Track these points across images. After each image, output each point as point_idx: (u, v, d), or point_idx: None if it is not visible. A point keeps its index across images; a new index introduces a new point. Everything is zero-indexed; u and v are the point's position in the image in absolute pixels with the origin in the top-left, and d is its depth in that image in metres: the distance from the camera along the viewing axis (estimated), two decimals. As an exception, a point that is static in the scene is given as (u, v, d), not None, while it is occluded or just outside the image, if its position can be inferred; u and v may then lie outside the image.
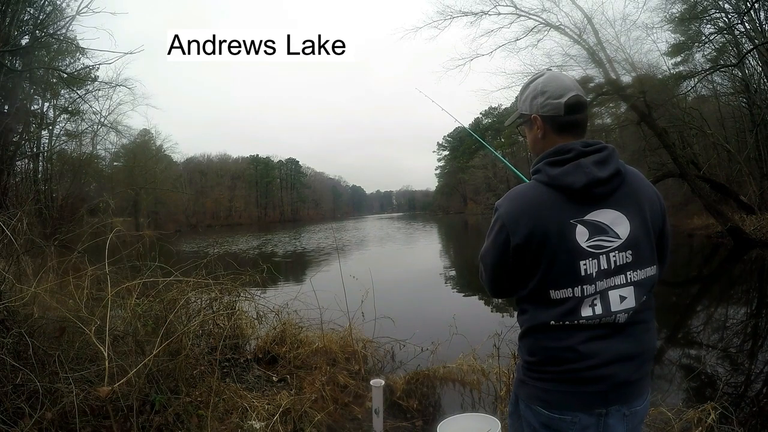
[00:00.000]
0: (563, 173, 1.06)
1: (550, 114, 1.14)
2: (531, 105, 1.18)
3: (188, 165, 68.38)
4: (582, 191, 1.05)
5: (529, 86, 1.20)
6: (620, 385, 1.05)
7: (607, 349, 1.04)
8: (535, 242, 1.05)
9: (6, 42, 12.17)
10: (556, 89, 1.14)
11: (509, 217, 1.09)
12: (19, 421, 1.92)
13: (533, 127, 1.19)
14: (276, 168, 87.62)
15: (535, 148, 1.21)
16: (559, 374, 1.06)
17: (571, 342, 1.05)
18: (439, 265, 12.55)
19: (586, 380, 1.04)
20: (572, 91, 1.12)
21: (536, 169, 1.13)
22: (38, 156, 20.79)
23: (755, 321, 5.52)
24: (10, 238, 2.62)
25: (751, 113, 16.89)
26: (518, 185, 1.17)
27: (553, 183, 1.07)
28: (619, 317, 1.05)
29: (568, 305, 1.05)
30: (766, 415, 2.94)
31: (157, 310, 2.70)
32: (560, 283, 1.05)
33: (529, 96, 1.18)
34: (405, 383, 3.21)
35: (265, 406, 2.58)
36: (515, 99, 1.25)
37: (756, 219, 12.84)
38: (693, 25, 15.72)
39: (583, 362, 1.04)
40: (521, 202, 1.10)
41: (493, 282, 1.21)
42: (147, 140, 41.76)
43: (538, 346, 1.10)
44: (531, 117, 1.18)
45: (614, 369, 1.04)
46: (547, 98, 1.14)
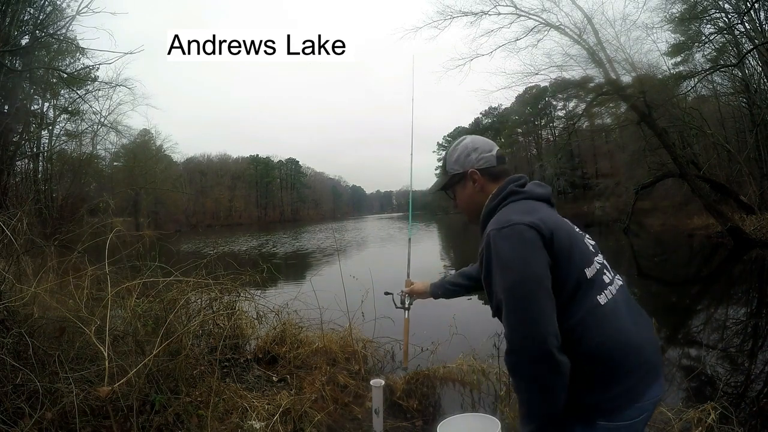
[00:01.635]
0: (532, 188, 1.25)
1: (486, 166, 1.30)
2: (465, 162, 1.32)
3: (188, 165, 68.41)
4: (550, 199, 1.26)
5: (458, 147, 1.35)
6: (650, 350, 1.20)
7: (629, 317, 1.20)
8: (555, 235, 1.11)
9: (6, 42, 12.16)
10: (484, 145, 1.33)
11: (528, 218, 1.11)
12: (19, 421, 1.92)
13: (470, 183, 1.32)
14: (276, 168, 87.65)
15: (473, 201, 1.33)
16: (617, 348, 1.16)
17: (612, 316, 1.16)
18: (439, 266, 12.54)
19: (634, 346, 1.16)
20: (495, 146, 1.33)
21: (505, 194, 1.24)
22: (38, 156, 20.79)
23: (755, 321, 5.51)
24: (10, 238, 2.62)
25: (751, 113, 16.88)
26: (506, 210, 1.20)
27: (532, 196, 1.23)
28: (617, 291, 1.21)
29: (596, 281, 1.15)
30: (766, 415, 2.94)
31: (157, 310, 2.70)
32: (583, 263, 1.15)
33: (462, 155, 1.33)
34: (405, 383, 3.21)
35: (265, 406, 2.58)
36: (444, 160, 1.40)
37: (756, 219, 12.83)
38: (693, 25, 15.72)
39: (625, 330, 1.16)
40: (527, 208, 1.17)
41: (545, 317, 1.02)
42: (147, 140, 41.78)
43: (590, 332, 1.13)
44: (468, 173, 1.31)
45: (641, 330, 1.20)
46: (480, 153, 1.31)
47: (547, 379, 1.01)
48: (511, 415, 2.60)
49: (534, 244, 1.07)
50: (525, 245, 1.07)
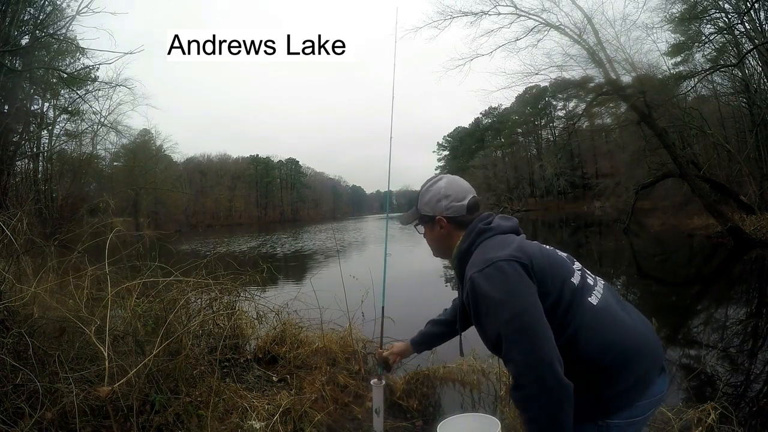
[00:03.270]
0: (500, 223, 1.28)
1: (454, 215, 1.29)
2: (435, 207, 1.31)
3: (188, 165, 68.44)
4: (518, 230, 1.29)
5: (431, 189, 1.33)
6: (650, 350, 1.25)
7: (623, 317, 1.24)
8: (536, 263, 1.14)
9: (6, 42, 12.17)
10: (458, 192, 1.30)
11: (507, 253, 1.13)
12: (19, 421, 1.92)
13: (436, 227, 1.33)
14: (276, 168, 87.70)
15: (441, 243, 1.36)
16: (620, 351, 1.19)
17: (607, 318, 1.20)
18: (439, 266, 12.55)
19: (634, 346, 1.20)
20: (471, 194, 1.32)
21: (476, 233, 1.26)
22: (38, 156, 20.78)
23: (755, 321, 5.51)
24: (10, 238, 2.62)
25: (751, 113, 16.88)
26: (480, 250, 1.23)
27: (503, 230, 1.25)
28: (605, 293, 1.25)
29: (579, 286, 1.18)
30: (766, 415, 2.94)
31: (157, 310, 2.70)
32: (570, 273, 1.20)
33: (432, 199, 1.32)
34: (405, 383, 3.21)
35: (265, 406, 2.58)
36: (417, 196, 1.41)
37: (756, 219, 12.82)
38: (693, 25, 15.72)
39: (622, 330, 1.20)
40: (502, 242, 1.20)
41: (547, 343, 1.02)
42: (147, 140, 41.82)
43: (591, 334, 1.17)
44: (436, 218, 1.31)
45: (640, 327, 1.25)
46: (451, 201, 1.29)
47: (560, 406, 1.00)
48: (511, 415, 2.60)
49: (518, 276, 1.09)
50: (509, 280, 1.08)
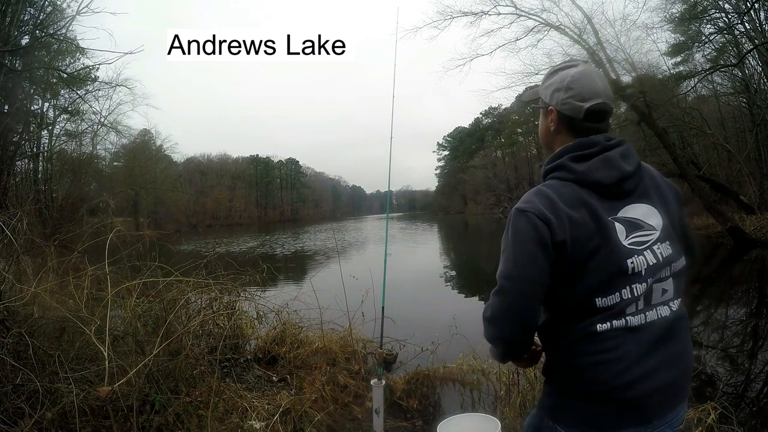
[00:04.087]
0: (591, 169, 0.98)
1: (569, 115, 1.04)
2: (552, 96, 1.07)
3: (188, 165, 68.42)
4: (613, 187, 0.98)
5: (556, 74, 1.08)
6: (667, 393, 0.96)
7: (655, 352, 0.95)
8: (578, 243, 0.93)
9: (6, 42, 12.17)
10: (583, 90, 1.02)
11: (546, 211, 0.93)
12: (19, 421, 1.92)
13: (548, 117, 1.09)
14: (276, 168, 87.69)
15: (546, 138, 1.12)
16: (608, 391, 0.93)
17: (621, 349, 0.93)
18: (439, 266, 12.55)
19: (636, 394, 0.93)
20: (598, 98, 1.02)
21: (557, 165, 1.02)
22: (38, 156, 20.78)
23: (755, 321, 5.51)
24: (10, 238, 2.62)
25: (751, 113, 16.88)
26: (539, 185, 1.03)
27: (582, 180, 0.98)
28: (661, 311, 0.98)
29: (616, 309, 0.94)
30: (766, 415, 2.94)
31: (157, 310, 2.71)
32: (609, 288, 0.94)
33: (552, 86, 1.07)
34: (405, 383, 3.21)
35: (265, 406, 2.58)
36: (546, 75, 1.15)
37: (756, 219, 12.84)
38: (693, 25, 15.72)
39: (632, 371, 0.92)
40: (554, 199, 0.96)
41: (520, 314, 0.96)
42: (147, 140, 41.84)
43: (583, 360, 0.95)
44: (549, 108, 1.08)
45: (663, 375, 0.95)
46: (569, 96, 1.03)
47: (503, 359, 1.09)
48: (511, 415, 2.60)
49: (529, 244, 0.94)
50: (519, 236, 0.96)
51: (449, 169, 77.21)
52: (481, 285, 8.57)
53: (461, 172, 68.31)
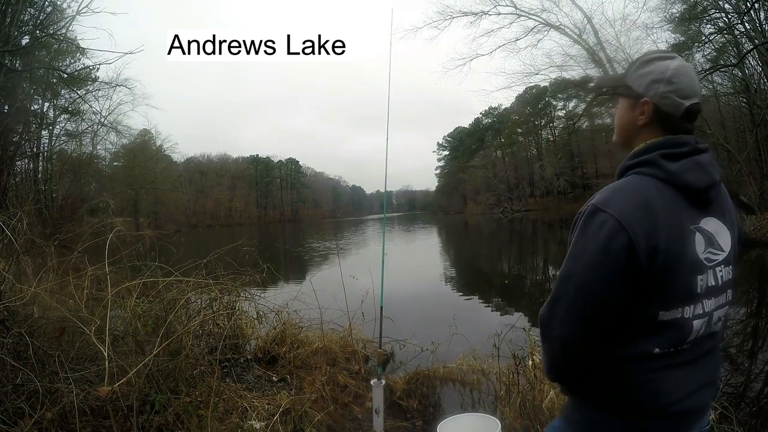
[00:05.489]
0: (683, 169, 0.90)
1: (667, 110, 0.95)
2: (648, 87, 0.96)
3: (188, 165, 68.50)
4: (701, 193, 0.91)
5: (652, 64, 0.98)
6: (702, 410, 0.97)
7: (696, 376, 0.93)
8: (660, 253, 0.85)
9: (6, 42, 12.18)
10: (685, 88, 0.95)
11: (630, 217, 0.85)
12: (19, 421, 1.92)
13: (637, 109, 0.99)
14: (276, 168, 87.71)
15: (627, 131, 1.02)
16: (657, 408, 0.90)
17: (676, 371, 0.90)
18: (439, 266, 12.55)
19: (678, 412, 0.91)
20: (697, 97, 0.95)
21: (645, 160, 0.94)
22: (38, 156, 20.82)
23: (755, 321, 5.51)
24: (10, 238, 2.62)
25: (751, 113, 16.89)
26: (620, 180, 0.96)
27: (672, 180, 0.90)
28: (712, 331, 0.95)
29: (677, 328, 0.89)
30: (766, 415, 2.94)
31: (157, 310, 2.71)
32: (673, 302, 0.88)
33: (649, 75, 0.97)
34: (405, 383, 3.21)
35: (265, 406, 2.58)
36: (632, 62, 1.06)
37: (756, 219, 12.84)
38: (693, 25, 15.74)
39: (681, 390, 0.91)
40: (641, 200, 0.88)
41: (581, 331, 0.90)
42: (147, 140, 41.92)
43: (636, 379, 0.90)
44: (642, 99, 0.97)
45: (701, 396, 0.95)
46: (671, 91, 0.94)
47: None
48: (511, 415, 2.60)
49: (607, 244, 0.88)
50: (596, 239, 0.89)
51: (449, 169, 77.20)
52: (481, 285, 8.57)
53: (461, 172, 68.34)
